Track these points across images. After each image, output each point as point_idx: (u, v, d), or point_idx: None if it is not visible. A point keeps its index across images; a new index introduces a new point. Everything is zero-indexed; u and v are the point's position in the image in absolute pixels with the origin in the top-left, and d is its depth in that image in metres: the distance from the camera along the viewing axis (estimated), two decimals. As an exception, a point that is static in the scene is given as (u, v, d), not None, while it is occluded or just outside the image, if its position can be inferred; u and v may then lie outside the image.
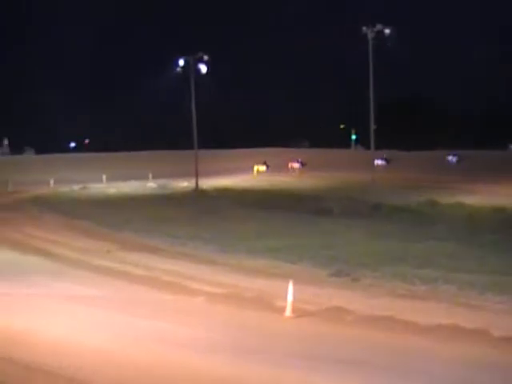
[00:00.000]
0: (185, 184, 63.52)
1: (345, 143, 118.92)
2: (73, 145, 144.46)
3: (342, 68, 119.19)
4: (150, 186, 64.83)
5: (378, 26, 45.90)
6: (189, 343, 11.69)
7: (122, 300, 16.03)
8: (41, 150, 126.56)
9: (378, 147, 54.43)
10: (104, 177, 72.42)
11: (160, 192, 56.79)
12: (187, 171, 74.56)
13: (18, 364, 10.16)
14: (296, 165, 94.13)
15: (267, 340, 12.21)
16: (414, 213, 34.58)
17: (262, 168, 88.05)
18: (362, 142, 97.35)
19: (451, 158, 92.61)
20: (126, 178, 72.50)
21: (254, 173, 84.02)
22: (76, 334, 12.33)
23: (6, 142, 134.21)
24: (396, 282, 17.00)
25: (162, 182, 66.73)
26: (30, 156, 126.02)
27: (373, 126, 48.75)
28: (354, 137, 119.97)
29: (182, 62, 57.79)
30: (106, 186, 64.27)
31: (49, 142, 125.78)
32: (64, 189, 61.33)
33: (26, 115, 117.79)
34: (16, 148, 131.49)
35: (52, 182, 68.26)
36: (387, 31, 46.07)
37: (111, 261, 21.61)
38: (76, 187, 62.39)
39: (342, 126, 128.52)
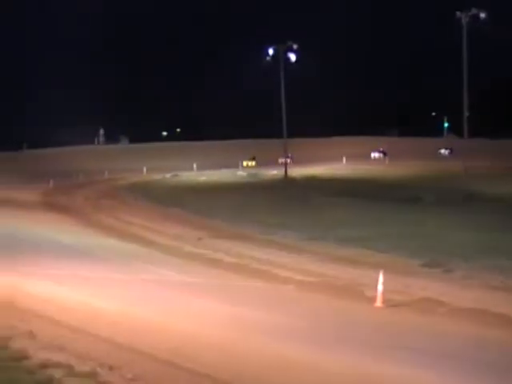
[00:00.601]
0: (274, 172, 63.91)
1: (436, 131, 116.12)
2: (165, 133, 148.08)
3: (436, 53, 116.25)
4: (240, 174, 65.63)
5: (473, 10, 44.58)
6: (277, 330, 11.71)
7: (212, 287, 16.26)
8: (135, 138, 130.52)
9: (472, 135, 52.81)
10: (195, 165, 73.83)
11: (250, 180, 57.40)
12: (277, 160, 74.90)
13: (121, 346, 10.47)
14: (288, 160, 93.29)
15: (356, 329, 12.09)
16: (509, 203, 33.43)
17: (252, 163, 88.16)
18: (455, 129, 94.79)
19: (444, 151, 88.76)
20: (216, 167, 73.61)
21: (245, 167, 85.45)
22: (167, 317, 12.63)
23: (101, 131, 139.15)
24: (490, 273, 16.49)
25: (252, 170, 67.36)
26: (124, 145, 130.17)
27: (466, 113, 47.42)
28: (446, 124, 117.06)
29: (271, 51, 58.08)
30: (197, 174, 65.55)
31: (142, 131, 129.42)
32: (156, 176, 63.03)
33: (120, 105, 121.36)
34: (111, 138, 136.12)
35: (145, 169, 70.27)
36: (482, 15, 44.67)
37: (202, 248, 22.00)
38: (168, 175, 63.98)
39: (433, 114, 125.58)
